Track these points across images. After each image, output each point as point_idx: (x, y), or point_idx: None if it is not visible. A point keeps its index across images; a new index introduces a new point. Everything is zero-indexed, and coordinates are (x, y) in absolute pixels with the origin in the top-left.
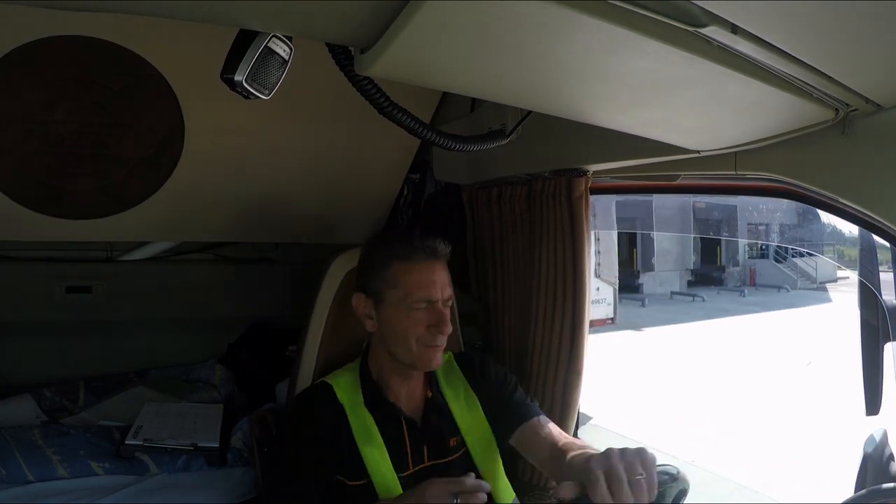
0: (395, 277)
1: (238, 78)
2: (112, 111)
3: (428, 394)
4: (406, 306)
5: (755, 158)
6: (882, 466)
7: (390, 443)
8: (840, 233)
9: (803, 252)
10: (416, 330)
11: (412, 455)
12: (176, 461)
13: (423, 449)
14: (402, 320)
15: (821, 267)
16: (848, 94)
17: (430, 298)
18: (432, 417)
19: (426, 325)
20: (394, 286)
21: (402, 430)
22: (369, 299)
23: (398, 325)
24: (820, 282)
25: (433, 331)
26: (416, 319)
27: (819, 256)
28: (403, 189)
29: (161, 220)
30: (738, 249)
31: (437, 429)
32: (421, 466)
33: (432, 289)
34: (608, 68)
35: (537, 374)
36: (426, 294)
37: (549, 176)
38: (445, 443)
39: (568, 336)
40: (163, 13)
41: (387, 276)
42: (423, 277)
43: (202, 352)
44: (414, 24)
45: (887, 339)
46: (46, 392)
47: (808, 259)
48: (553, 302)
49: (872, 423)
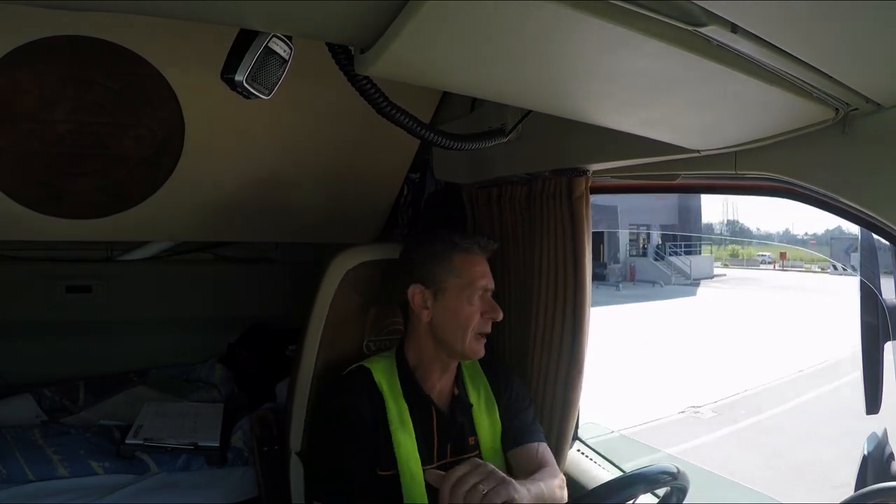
0: (460, 267)
1: (238, 78)
2: (112, 111)
3: (455, 391)
4: (468, 294)
5: (755, 158)
6: (882, 466)
7: (420, 433)
8: (716, 234)
9: (679, 251)
10: (474, 317)
11: (438, 448)
12: (176, 461)
13: (447, 444)
14: (464, 307)
15: (696, 265)
16: (848, 94)
17: (487, 287)
18: (458, 414)
19: (482, 311)
20: (458, 275)
21: (433, 422)
22: (428, 290)
23: (460, 311)
24: (694, 278)
25: (487, 317)
26: (472, 309)
27: (696, 255)
28: (403, 189)
29: (161, 220)
30: (620, 248)
31: (461, 426)
32: (444, 461)
33: (488, 278)
34: (608, 68)
35: (538, 372)
36: (486, 282)
37: (550, 175)
38: (466, 441)
39: (569, 335)
40: (163, 13)
41: (452, 266)
42: (480, 268)
43: (202, 352)
44: (414, 24)
45: (887, 339)
46: (46, 392)
47: (683, 258)
48: (554, 301)
49: (872, 421)
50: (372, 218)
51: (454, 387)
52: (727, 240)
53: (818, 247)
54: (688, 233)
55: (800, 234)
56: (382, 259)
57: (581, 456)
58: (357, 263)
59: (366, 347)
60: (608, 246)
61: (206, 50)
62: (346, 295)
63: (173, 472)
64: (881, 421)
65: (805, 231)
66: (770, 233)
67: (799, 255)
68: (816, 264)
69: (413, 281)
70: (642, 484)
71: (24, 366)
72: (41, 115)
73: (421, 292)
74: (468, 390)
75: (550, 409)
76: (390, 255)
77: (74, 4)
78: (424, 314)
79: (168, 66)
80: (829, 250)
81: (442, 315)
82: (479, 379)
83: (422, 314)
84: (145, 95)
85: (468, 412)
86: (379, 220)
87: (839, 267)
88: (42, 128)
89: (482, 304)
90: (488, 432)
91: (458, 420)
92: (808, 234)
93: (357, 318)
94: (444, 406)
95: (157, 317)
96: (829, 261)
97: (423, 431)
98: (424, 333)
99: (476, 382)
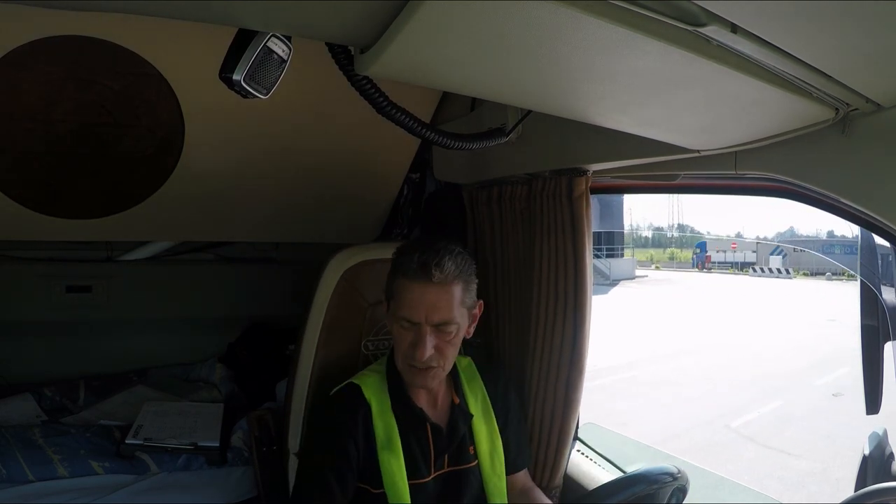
0: (394, 290)
1: (236, 77)
2: (112, 111)
3: (455, 399)
4: (396, 320)
5: (755, 158)
6: (882, 466)
7: (413, 448)
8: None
9: (601, 255)
10: (401, 346)
11: (434, 461)
12: (176, 460)
13: (445, 455)
14: (394, 333)
15: (617, 266)
16: (848, 94)
17: (410, 319)
18: (459, 424)
19: (409, 343)
20: (394, 297)
21: (427, 435)
22: (387, 303)
23: (393, 335)
24: (613, 279)
25: (411, 351)
26: (402, 336)
27: (618, 258)
28: (403, 189)
29: (161, 220)
30: None
31: (462, 436)
32: (440, 472)
33: (416, 310)
34: (608, 68)
35: (538, 373)
36: (407, 313)
37: (550, 175)
38: (466, 450)
39: (570, 335)
40: (163, 13)
41: (391, 288)
42: (413, 297)
43: (202, 351)
44: (414, 24)
45: (887, 339)
46: (46, 391)
47: (604, 260)
48: (555, 301)
49: (871, 421)
50: (372, 218)
51: (453, 395)
52: (649, 242)
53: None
54: (608, 237)
55: (755, 236)
56: (382, 259)
57: (581, 456)
58: (355, 263)
59: (364, 347)
60: None
61: (205, 50)
62: (345, 294)
63: (173, 472)
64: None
65: (757, 234)
66: (720, 236)
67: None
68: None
69: (385, 290)
70: (642, 484)
71: (24, 366)
72: (41, 115)
73: (387, 303)
74: (467, 397)
75: (551, 410)
76: (390, 255)
77: (74, 4)
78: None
79: (168, 66)
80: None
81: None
82: (477, 384)
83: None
84: (145, 95)
85: (469, 422)
86: (379, 220)
87: (758, 269)
88: (42, 128)
89: (412, 336)
90: (486, 441)
91: (459, 430)
92: (762, 237)
93: (356, 318)
94: (442, 416)
95: (157, 317)
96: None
97: (418, 445)
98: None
99: (474, 389)
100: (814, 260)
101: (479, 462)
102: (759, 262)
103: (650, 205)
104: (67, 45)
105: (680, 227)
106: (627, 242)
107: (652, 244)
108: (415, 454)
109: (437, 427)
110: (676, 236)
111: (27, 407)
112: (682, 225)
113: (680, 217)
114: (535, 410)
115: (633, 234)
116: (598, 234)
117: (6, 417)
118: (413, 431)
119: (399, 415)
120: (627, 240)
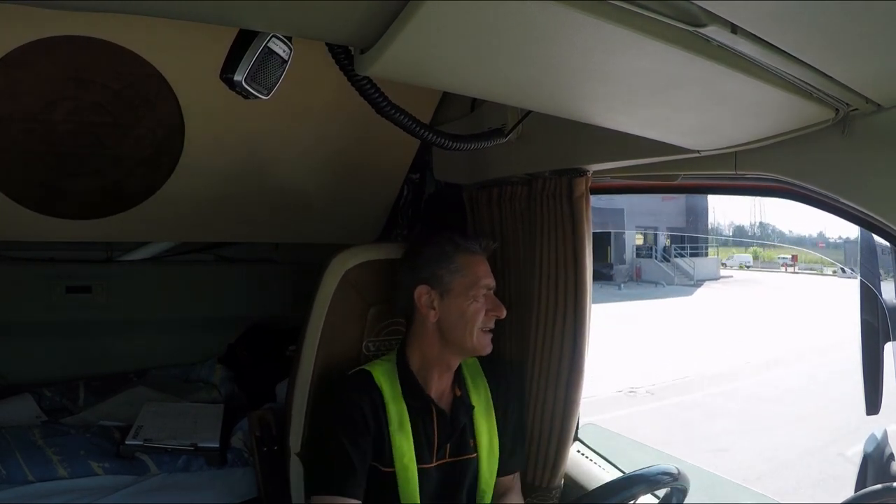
0: (464, 267)
1: (237, 78)
2: (112, 111)
3: (457, 392)
4: (473, 292)
5: (755, 158)
6: (882, 466)
7: (420, 434)
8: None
9: (685, 254)
10: (479, 315)
11: (437, 448)
12: (176, 461)
13: (447, 444)
14: (470, 305)
15: (701, 266)
16: (848, 94)
17: (490, 285)
18: (460, 415)
19: (486, 308)
20: (463, 275)
21: (433, 423)
22: (434, 290)
23: (466, 310)
24: (698, 279)
25: (491, 314)
26: (480, 304)
27: (702, 257)
28: (403, 189)
29: (161, 220)
30: (626, 249)
31: (463, 427)
32: (442, 461)
33: (491, 277)
34: (608, 68)
35: (538, 373)
36: (489, 281)
37: (550, 176)
38: (466, 442)
39: (570, 335)
40: (163, 13)
41: (456, 267)
42: (484, 268)
43: (202, 352)
44: (414, 24)
45: (887, 339)
46: (46, 392)
47: (688, 259)
48: (555, 302)
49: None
50: (372, 218)
51: (455, 388)
52: (731, 240)
53: (829, 250)
54: (695, 234)
55: (833, 237)
56: (382, 259)
57: (581, 457)
58: (356, 263)
59: (365, 348)
60: (615, 247)
61: (206, 50)
62: (346, 295)
63: (173, 473)
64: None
65: (839, 235)
66: (802, 236)
67: (811, 258)
68: (831, 268)
69: (418, 282)
70: (642, 485)
71: (24, 366)
72: (41, 115)
73: (427, 293)
74: (470, 391)
75: (551, 410)
76: (390, 256)
77: (74, 4)
78: (431, 314)
79: (168, 66)
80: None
81: (449, 314)
82: (480, 380)
83: (428, 315)
84: (145, 95)
85: (471, 413)
86: (379, 220)
87: (847, 270)
88: (42, 128)
89: (486, 301)
90: (486, 435)
91: (460, 421)
92: (841, 238)
93: (356, 319)
94: (445, 407)
95: (156, 317)
96: (836, 264)
97: (424, 432)
98: (431, 334)
99: (477, 383)
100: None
101: (478, 455)
102: (847, 262)
103: (732, 205)
104: (67, 45)
105: (761, 226)
106: (711, 242)
107: (733, 243)
108: (421, 440)
109: (443, 413)
110: (757, 235)
111: (27, 407)
112: (764, 223)
113: (762, 215)
114: (535, 411)
115: (720, 232)
116: (679, 234)
117: (6, 418)
118: (421, 418)
119: (409, 401)
120: (714, 240)
